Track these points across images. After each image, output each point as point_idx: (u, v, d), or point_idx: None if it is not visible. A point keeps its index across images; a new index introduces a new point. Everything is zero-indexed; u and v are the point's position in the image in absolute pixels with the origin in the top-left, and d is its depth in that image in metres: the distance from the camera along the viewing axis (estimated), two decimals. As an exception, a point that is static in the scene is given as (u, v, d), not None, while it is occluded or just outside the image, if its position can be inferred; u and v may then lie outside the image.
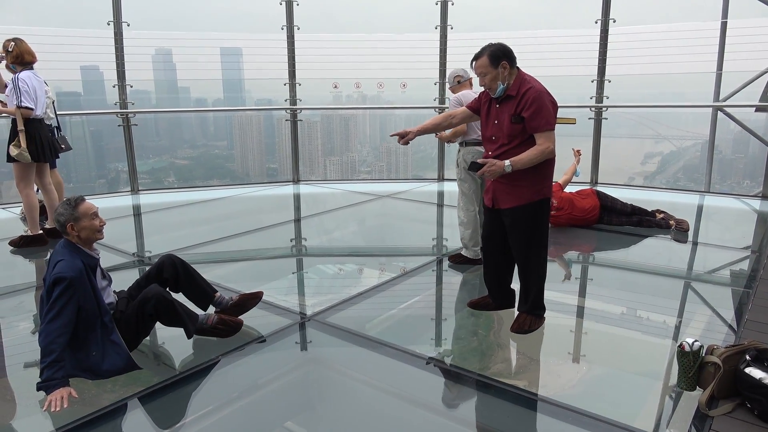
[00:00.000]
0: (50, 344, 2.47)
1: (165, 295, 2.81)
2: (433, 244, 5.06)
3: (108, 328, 2.69)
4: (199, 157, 10.29)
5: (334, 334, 3.17)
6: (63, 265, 2.59)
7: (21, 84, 4.50)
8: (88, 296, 2.62)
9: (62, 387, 2.47)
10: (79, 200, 2.75)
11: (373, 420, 2.50)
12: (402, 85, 7.58)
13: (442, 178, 7.76)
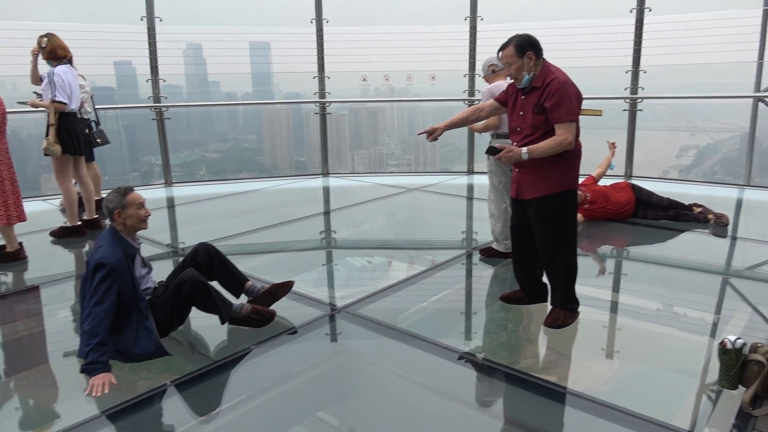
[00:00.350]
0: (95, 327, 2.56)
1: (200, 279, 2.87)
2: (462, 238, 5.03)
3: (143, 314, 2.78)
4: (229, 151, 10.41)
5: (365, 326, 3.18)
6: (103, 251, 2.70)
7: (56, 78, 4.61)
8: (126, 283, 2.71)
9: (105, 372, 2.55)
10: (128, 189, 2.85)
11: (404, 412, 2.50)
12: (431, 78, 7.53)
13: (472, 171, 7.69)
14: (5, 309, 3.64)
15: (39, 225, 4.86)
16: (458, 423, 2.40)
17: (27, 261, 4.35)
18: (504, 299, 3.41)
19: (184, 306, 2.88)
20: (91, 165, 5.43)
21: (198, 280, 2.86)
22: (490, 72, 4.11)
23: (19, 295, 3.86)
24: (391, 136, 10.73)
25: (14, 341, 3.23)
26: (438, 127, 3.21)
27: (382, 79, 7.91)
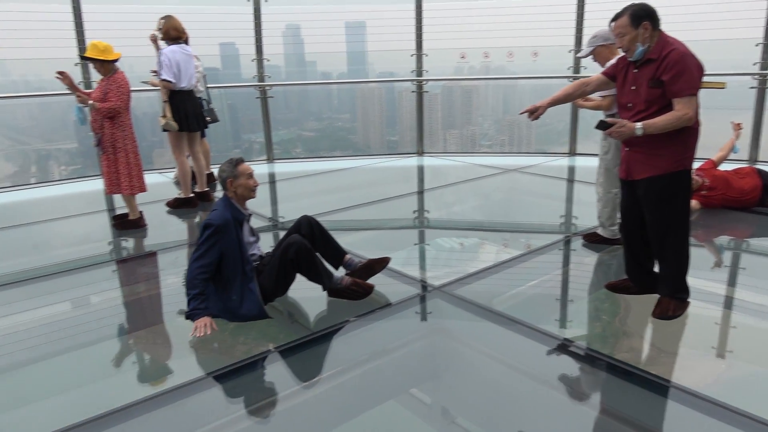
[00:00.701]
0: (194, 279, 2.86)
1: (306, 243, 2.99)
2: (561, 222, 4.82)
3: (248, 276, 2.96)
4: (324, 129, 10.64)
5: (461, 307, 3.15)
6: (213, 214, 2.95)
7: (163, 58, 4.90)
8: (232, 244, 2.92)
9: (205, 317, 2.83)
10: (239, 160, 3.06)
11: (498, 396, 2.45)
12: (533, 54, 7.21)
13: (574, 152, 7.30)
14: (127, 272, 3.99)
15: (155, 196, 5.24)
16: (554, 411, 2.32)
17: (146, 228, 4.72)
18: (610, 288, 3.24)
19: (289, 269, 3.01)
20: (202, 141, 5.78)
21: (304, 244, 2.97)
22: (600, 46, 3.76)
23: (138, 259, 4.22)
24: (485, 115, 10.48)
25: (134, 302, 3.52)
26: (541, 104, 3.06)
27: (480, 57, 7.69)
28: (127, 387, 2.53)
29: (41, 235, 4.84)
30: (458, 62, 7.88)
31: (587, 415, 2.32)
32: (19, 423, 2.31)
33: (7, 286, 3.62)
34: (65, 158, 8.50)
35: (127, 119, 4.47)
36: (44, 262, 4.06)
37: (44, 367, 2.75)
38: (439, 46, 7.45)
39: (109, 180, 4.51)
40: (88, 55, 4.31)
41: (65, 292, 3.62)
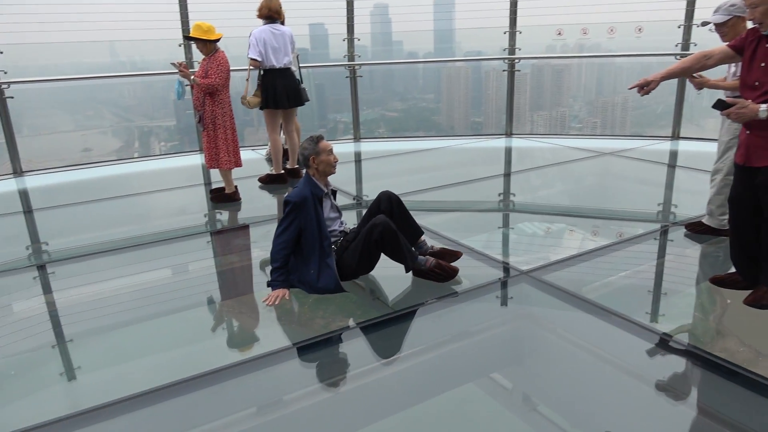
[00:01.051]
0: (276, 254, 3.03)
1: (391, 225, 3.00)
2: (658, 210, 4.53)
3: (325, 252, 3.04)
4: (407, 110, 10.59)
5: (549, 293, 3.04)
6: (293, 191, 3.07)
7: (251, 38, 5.06)
8: (310, 220, 3.01)
9: (282, 288, 3.03)
10: (320, 138, 3.13)
11: (584, 386, 2.36)
12: (637, 30, 6.73)
13: (678, 135, 6.78)
14: (222, 243, 4.20)
15: (248, 172, 5.45)
16: (643, 406, 2.20)
17: (240, 202, 4.94)
18: (716, 282, 3.01)
19: (373, 250, 3.05)
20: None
21: (389, 225, 2.99)
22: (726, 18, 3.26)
23: (233, 231, 4.42)
24: (577, 96, 9.99)
25: (227, 271, 3.70)
26: (653, 78, 2.83)
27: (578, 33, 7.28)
28: (215, 352, 2.67)
29: (143, 205, 5.19)
30: (553, 39, 7.51)
31: (680, 413, 2.18)
32: (118, 380, 2.49)
33: (112, 252, 3.91)
34: (165, 135, 9.04)
35: (226, 97, 4.68)
36: (145, 231, 4.35)
37: (141, 329, 2.96)
38: (534, 23, 7.14)
39: (209, 155, 4.75)
40: (192, 35, 4.54)
41: (163, 260, 3.87)
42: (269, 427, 2.17)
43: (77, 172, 6.29)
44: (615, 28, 6.90)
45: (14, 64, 6.00)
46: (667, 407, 2.21)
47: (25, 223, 4.80)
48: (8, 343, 2.80)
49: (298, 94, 5.35)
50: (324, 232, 3.07)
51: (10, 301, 3.34)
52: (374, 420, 2.20)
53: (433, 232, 3.95)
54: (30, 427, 2.11)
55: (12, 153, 6.03)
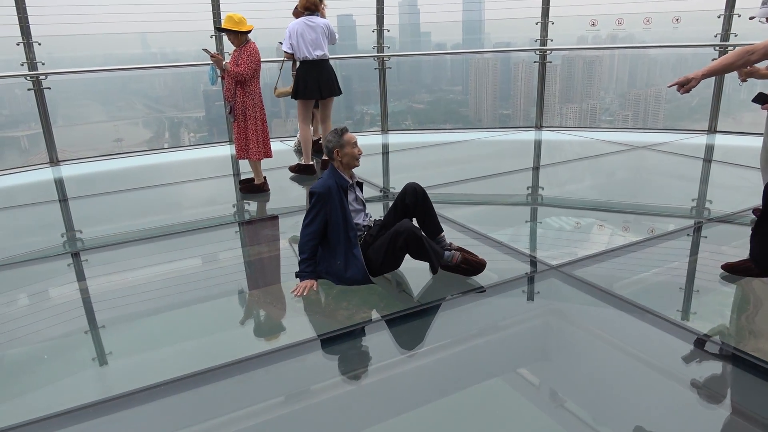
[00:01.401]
0: (303, 245, 3.05)
1: (415, 232, 2.98)
2: (692, 206, 4.41)
3: (352, 242, 3.04)
4: (434, 102, 10.52)
5: (579, 288, 2.99)
6: (318, 182, 3.07)
7: (286, 30, 5.15)
8: (335, 211, 3.01)
9: (309, 279, 3.03)
10: (344, 130, 3.12)
11: (614, 382, 2.31)
12: (675, 20, 6.53)
13: (714, 129, 6.58)
14: (251, 233, 4.24)
15: (277, 163, 5.48)
16: (673, 404, 2.15)
17: (269, 193, 4.98)
18: (728, 269, 2.95)
19: (398, 254, 3.06)
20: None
21: (413, 233, 2.98)
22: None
23: (261, 222, 4.46)
24: (607, 89, 9.78)
25: (256, 261, 3.74)
26: (693, 76, 2.74)
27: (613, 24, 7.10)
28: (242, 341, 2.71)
29: (173, 195, 5.27)
30: (586, 30, 7.34)
31: (711, 413, 2.13)
32: (148, 366, 2.54)
33: (143, 241, 3.99)
34: (194, 126, 9.15)
35: (256, 88, 4.72)
36: (175, 220, 4.42)
37: (170, 317, 3.01)
38: (566, 13, 6.99)
39: (239, 146, 4.80)
40: (224, 26, 4.58)
41: (192, 249, 3.92)
42: (294, 416, 2.19)
43: (109, 162, 6.42)
44: (651, 18, 6.71)
45: (49, 55, 6.13)
46: (697, 406, 2.16)
47: (60, 211, 4.92)
48: (43, 328, 2.87)
49: (332, 85, 5.35)
50: (350, 222, 3.07)
51: (45, 287, 3.44)
52: (399, 413, 2.20)
53: (461, 225, 3.92)
54: (62, 411, 2.16)
55: (49, 143, 6.19)
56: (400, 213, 3.26)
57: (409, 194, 3.25)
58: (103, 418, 2.14)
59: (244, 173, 5.38)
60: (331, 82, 5.32)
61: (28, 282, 3.52)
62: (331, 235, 3.06)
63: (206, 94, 8.54)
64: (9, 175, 5.92)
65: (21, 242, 4.21)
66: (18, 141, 7.69)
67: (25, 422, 2.11)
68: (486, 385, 2.36)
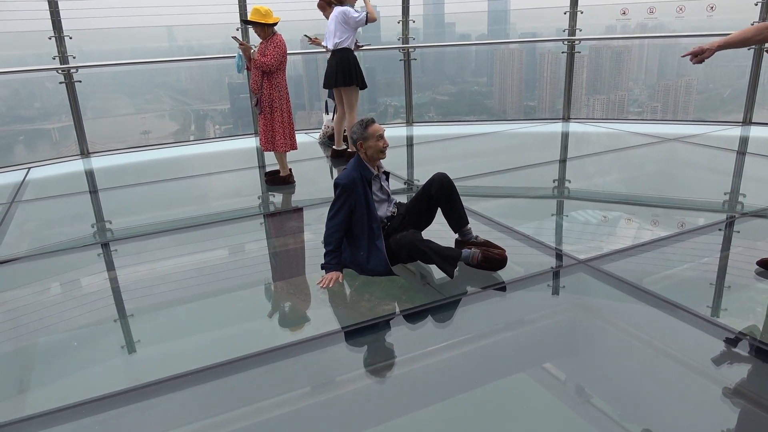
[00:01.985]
0: (328, 237, 3.04)
1: (418, 246, 2.97)
2: (725, 200, 4.29)
3: (375, 234, 3.04)
4: (458, 93, 10.42)
5: (608, 282, 2.94)
6: (342, 174, 3.06)
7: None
8: (359, 202, 3.01)
9: (335, 271, 3.03)
10: (369, 122, 3.09)
11: (642, 378, 2.26)
12: (709, 8, 6.33)
13: (750, 120, 6.37)
14: (276, 225, 4.27)
15: (302, 155, 5.50)
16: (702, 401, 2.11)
17: (294, 185, 5.00)
18: (763, 264, 2.87)
19: (406, 260, 3.09)
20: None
21: (415, 247, 2.96)
22: None
23: (286, 214, 4.49)
24: (636, 79, 9.56)
25: (281, 253, 3.76)
26: (708, 47, 2.65)
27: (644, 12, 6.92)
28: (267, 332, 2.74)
29: (199, 187, 5.33)
30: (616, 20, 7.17)
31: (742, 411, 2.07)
32: (175, 354, 2.59)
33: (170, 232, 4.04)
34: (219, 118, 9.24)
35: (282, 80, 4.73)
36: (201, 212, 4.47)
37: (196, 307, 3.05)
38: (596, 2, 6.84)
39: (265, 138, 4.82)
40: (250, 19, 4.60)
41: (218, 240, 3.96)
42: (319, 407, 2.20)
43: (137, 154, 6.52)
44: (684, 7, 6.51)
45: (79, 48, 6.24)
46: (727, 405, 2.10)
47: (90, 202, 5.02)
48: (73, 317, 2.94)
49: (344, 75, 5.31)
50: (373, 214, 3.06)
51: (76, 277, 3.52)
52: (423, 406, 2.19)
53: (486, 218, 3.88)
54: (91, 399, 2.20)
55: (79, 135, 6.32)
56: (425, 203, 3.24)
57: (435, 185, 3.23)
58: (131, 405, 2.18)
59: (270, 165, 5.41)
60: (343, 71, 5.29)
61: (59, 271, 3.60)
62: (355, 226, 3.07)
63: (231, 87, 8.61)
64: (41, 167, 6.06)
65: (53, 232, 4.32)
66: (49, 133, 7.87)
67: (55, 409, 2.16)
68: (511, 380, 2.35)
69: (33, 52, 6.80)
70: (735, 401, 2.12)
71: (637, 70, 9.58)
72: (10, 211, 4.63)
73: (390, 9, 7.21)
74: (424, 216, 3.30)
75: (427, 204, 3.24)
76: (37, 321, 2.89)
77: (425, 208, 3.26)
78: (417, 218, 3.27)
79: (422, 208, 3.25)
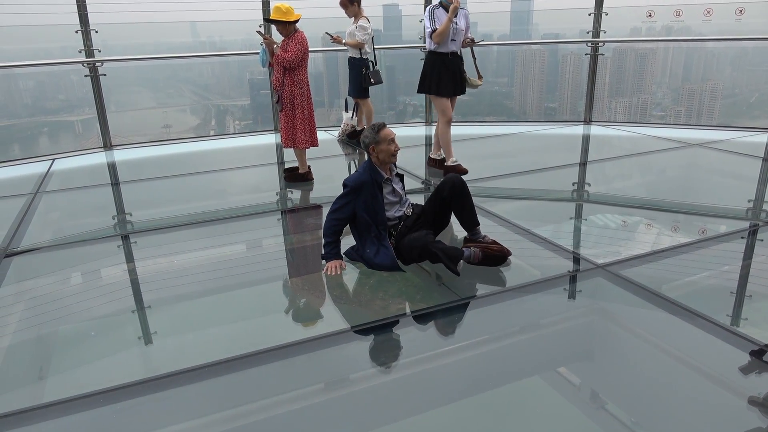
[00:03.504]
0: (327, 230, 3.14)
1: (429, 248, 2.99)
2: (748, 207, 4.20)
3: (381, 235, 3.11)
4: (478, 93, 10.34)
5: (626, 288, 2.90)
6: (352, 176, 3.13)
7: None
8: (367, 204, 3.08)
9: (335, 259, 3.16)
10: (381, 126, 3.13)
11: (659, 386, 2.23)
12: (738, 12, 6.20)
13: (776, 126, 6.27)
14: (294, 221, 4.29)
15: (321, 152, 5.50)
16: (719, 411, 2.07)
17: (313, 182, 5.02)
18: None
19: (419, 259, 3.11)
20: (365, 101, 6.00)
21: (426, 249, 2.99)
22: None
23: (304, 210, 4.51)
24: (660, 83, 9.42)
25: (298, 249, 3.78)
26: None
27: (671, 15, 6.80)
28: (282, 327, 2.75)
29: (219, 182, 5.38)
30: (642, 22, 7.06)
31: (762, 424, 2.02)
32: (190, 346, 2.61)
33: (189, 226, 4.08)
34: (239, 113, 9.31)
35: (304, 77, 4.74)
36: (220, 206, 4.51)
37: (213, 300, 3.08)
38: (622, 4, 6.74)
39: (286, 134, 4.84)
40: (272, 17, 4.62)
41: (236, 235, 3.99)
42: (332, 404, 2.21)
43: (158, 148, 6.60)
44: (712, 10, 6.39)
45: (104, 42, 6.34)
46: (743, 415, 2.06)
47: (112, 194, 5.10)
48: (92, 307, 2.99)
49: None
50: (379, 217, 3.12)
51: (96, 267, 3.57)
52: (435, 406, 2.19)
53: (504, 219, 3.86)
54: (107, 388, 2.23)
55: (103, 128, 6.41)
56: (438, 205, 3.28)
57: (447, 187, 3.25)
58: (146, 396, 2.21)
59: (289, 162, 5.44)
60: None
61: (80, 262, 3.66)
62: (361, 226, 3.13)
63: (252, 83, 8.66)
64: (65, 158, 6.16)
65: (75, 223, 4.39)
66: (72, 125, 8.01)
67: (74, 397, 2.20)
68: (525, 383, 2.34)
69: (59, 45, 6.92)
70: (752, 413, 2.08)
71: (661, 73, 9.44)
72: (35, 201, 4.72)
73: (411, 8, 7.19)
74: (439, 218, 3.32)
75: (440, 206, 3.25)
76: (57, 310, 2.95)
77: (438, 210, 3.28)
78: (432, 220, 3.29)
79: (436, 210, 3.27)
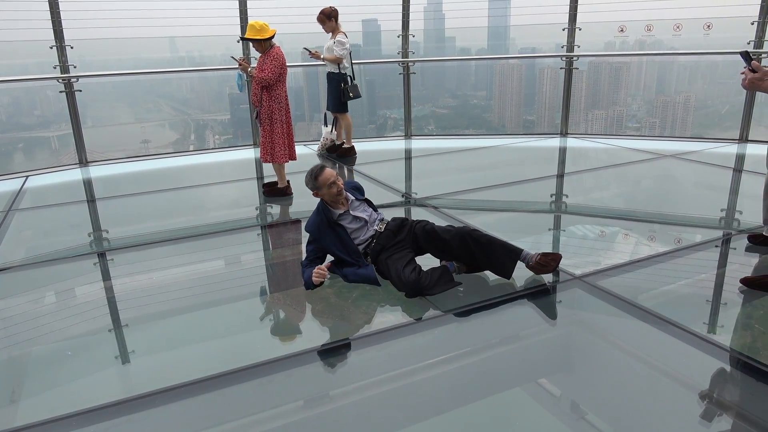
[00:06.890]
0: (306, 262, 3.19)
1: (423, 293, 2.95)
2: (721, 217, 4.30)
3: (357, 263, 3.10)
4: (457, 107, 10.47)
5: (603, 299, 2.94)
6: (309, 220, 3.24)
7: None
8: (333, 243, 3.11)
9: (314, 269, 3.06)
10: (318, 172, 3.11)
11: (638, 396, 2.26)
12: (706, 26, 6.39)
13: (746, 138, 6.41)
14: (273, 236, 4.27)
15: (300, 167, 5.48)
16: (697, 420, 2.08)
17: (292, 197, 5.01)
18: (746, 283, 2.89)
19: None
20: (344, 115, 6.01)
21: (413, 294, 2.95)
22: None
23: (284, 225, 4.50)
24: (635, 95, 9.64)
25: (277, 264, 3.76)
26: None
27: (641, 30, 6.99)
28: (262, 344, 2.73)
29: (197, 197, 5.34)
30: (615, 36, 7.24)
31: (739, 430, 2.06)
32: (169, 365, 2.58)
33: (167, 243, 4.04)
34: (219, 128, 9.28)
35: (282, 92, 4.75)
36: (199, 222, 4.47)
37: (192, 318, 3.05)
38: (594, 19, 6.91)
39: (264, 149, 4.84)
40: (246, 36, 4.62)
41: (215, 251, 3.96)
42: (312, 422, 2.19)
43: (136, 164, 6.53)
44: (682, 25, 6.58)
45: (81, 58, 6.28)
46: (721, 423, 2.09)
47: (88, 211, 5.02)
48: (67, 326, 2.93)
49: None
50: (349, 248, 3.12)
51: (71, 286, 3.51)
52: (416, 421, 2.19)
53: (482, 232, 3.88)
54: (83, 410, 2.19)
55: (78, 144, 6.33)
56: (417, 246, 3.21)
57: (421, 239, 3.17)
58: (123, 417, 2.17)
59: (268, 177, 5.43)
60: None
61: (55, 280, 3.59)
62: (338, 260, 3.16)
63: (231, 97, 8.65)
64: (40, 175, 6.06)
65: (49, 241, 4.31)
66: (49, 141, 7.89)
67: (47, 420, 2.14)
68: (506, 395, 2.34)
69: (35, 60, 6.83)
70: (727, 420, 2.11)
71: (635, 86, 9.66)
72: (7, 219, 4.63)
73: (390, 23, 7.26)
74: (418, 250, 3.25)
75: (419, 247, 3.21)
76: (31, 330, 2.88)
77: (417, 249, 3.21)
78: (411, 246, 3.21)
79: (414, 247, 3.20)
